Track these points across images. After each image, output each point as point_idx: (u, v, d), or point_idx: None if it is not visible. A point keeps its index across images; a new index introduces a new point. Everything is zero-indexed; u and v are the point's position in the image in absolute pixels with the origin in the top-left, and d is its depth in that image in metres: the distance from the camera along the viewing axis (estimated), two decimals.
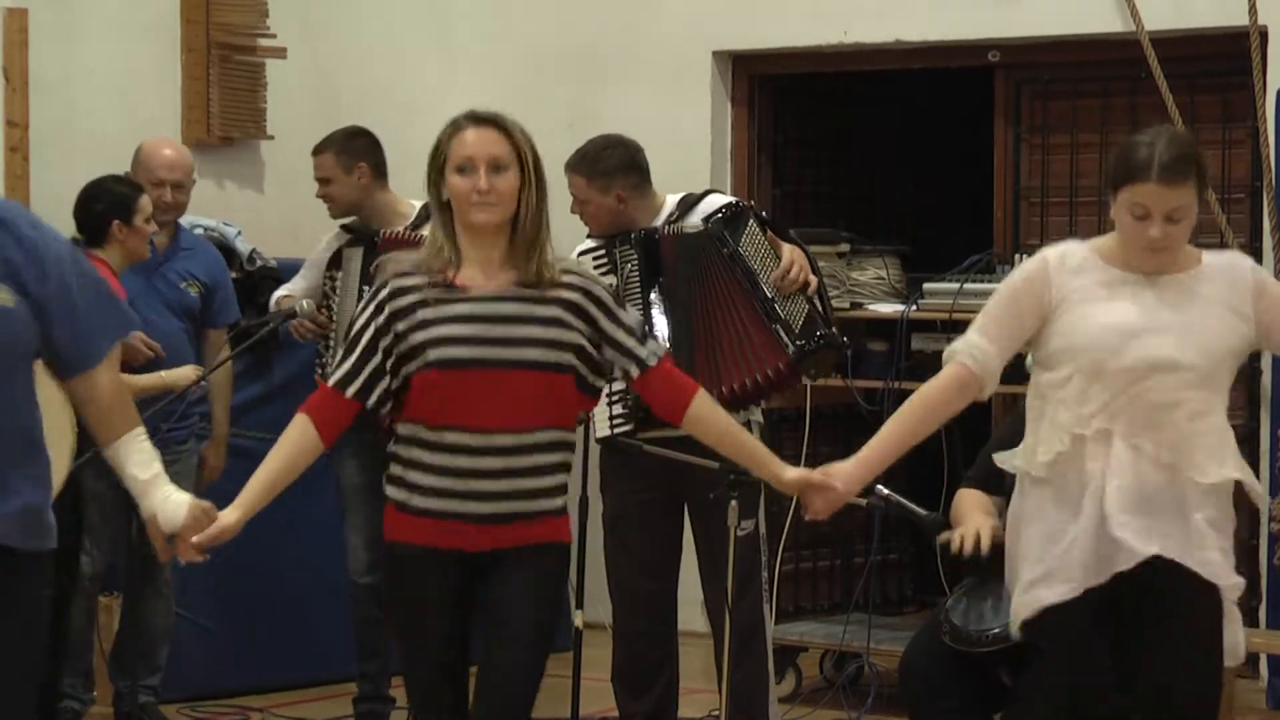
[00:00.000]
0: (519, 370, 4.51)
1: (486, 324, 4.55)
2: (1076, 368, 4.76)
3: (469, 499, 4.55)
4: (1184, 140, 4.98)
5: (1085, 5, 8.53)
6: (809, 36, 9.13)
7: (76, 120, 8.10)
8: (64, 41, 8.16)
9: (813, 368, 6.41)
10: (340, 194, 7.27)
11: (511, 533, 4.56)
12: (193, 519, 4.37)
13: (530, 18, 9.73)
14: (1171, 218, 4.65)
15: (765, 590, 6.46)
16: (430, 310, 4.55)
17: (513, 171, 4.54)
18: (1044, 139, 9.06)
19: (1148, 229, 4.66)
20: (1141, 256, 4.76)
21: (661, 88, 9.22)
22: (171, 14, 8.74)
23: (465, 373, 4.51)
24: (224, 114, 8.79)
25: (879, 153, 9.83)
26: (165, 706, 7.30)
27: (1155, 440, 4.69)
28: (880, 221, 9.08)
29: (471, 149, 4.54)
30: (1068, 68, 8.94)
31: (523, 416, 4.54)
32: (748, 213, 6.54)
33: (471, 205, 4.52)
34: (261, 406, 7.74)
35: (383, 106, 8.80)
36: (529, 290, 4.56)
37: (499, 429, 4.53)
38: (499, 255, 4.60)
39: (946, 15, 8.91)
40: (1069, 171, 9.04)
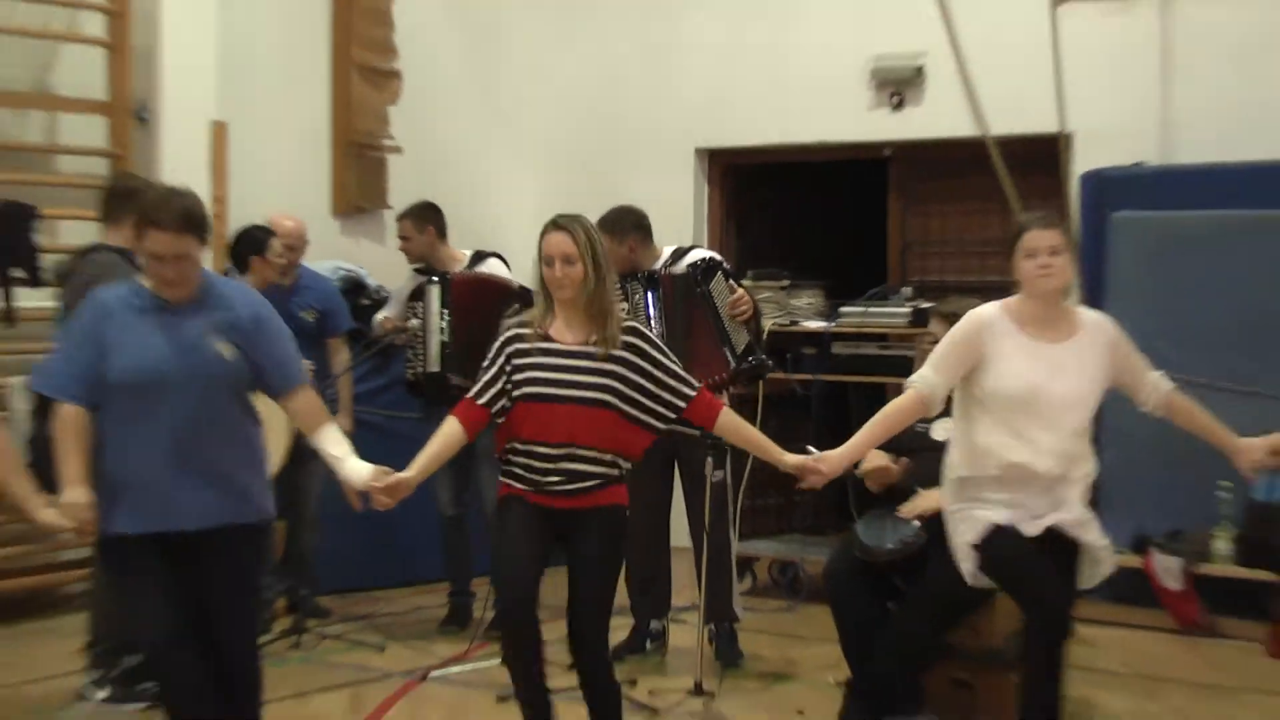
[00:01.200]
0: (571, 406, 4.67)
1: (561, 369, 4.71)
2: (1004, 402, 4.86)
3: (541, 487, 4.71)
4: (1048, 213, 5.23)
5: (949, 117, 8.44)
6: (759, 138, 9.32)
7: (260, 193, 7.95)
8: (251, 142, 8.18)
9: (744, 379, 6.48)
10: (413, 248, 7.32)
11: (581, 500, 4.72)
12: (377, 478, 4.61)
13: (570, 126, 9.76)
14: (1055, 250, 4.82)
15: (731, 519, 6.51)
16: (528, 358, 4.72)
17: (579, 264, 4.65)
18: (922, 207, 9.25)
19: (1037, 261, 4.81)
20: (1038, 287, 4.85)
21: (661, 173, 9.27)
22: (325, 124, 8.95)
23: (554, 407, 4.67)
24: (360, 192, 8.95)
25: (809, 216, 9.81)
26: (319, 597, 7.41)
27: (1050, 443, 4.84)
28: (810, 264, 8.90)
29: (550, 248, 4.69)
30: (937, 159, 9.05)
31: (598, 438, 4.69)
32: (718, 266, 6.53)
33: (555, 287, 4.69)
34: (383, 393, 7.84)
35: (463, 187, 8.85)
36: (596, 349, 4.69)
37: (579, 444, 4.68)
38: (578, 318, 4.72)
39: (856, 123, 9.05)
40: (939, 229, 9.20)
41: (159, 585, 4.39)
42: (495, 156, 9.62)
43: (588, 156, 9.52)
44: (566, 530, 4.74)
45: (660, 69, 9.58)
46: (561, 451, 4.69)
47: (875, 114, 9.00)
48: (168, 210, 4.34)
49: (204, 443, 4.42)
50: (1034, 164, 8.29)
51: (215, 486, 4.45)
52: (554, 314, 4.75)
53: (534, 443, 4.71)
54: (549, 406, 4.67)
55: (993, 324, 4.92)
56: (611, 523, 4.79)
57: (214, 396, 4.44)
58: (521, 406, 4.70)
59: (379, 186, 9.04)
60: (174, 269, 4.36)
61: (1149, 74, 8.29)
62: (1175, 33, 8.25)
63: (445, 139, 9.32)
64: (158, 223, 4.32)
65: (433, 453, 4.79)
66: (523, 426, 4.70)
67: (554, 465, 4.70)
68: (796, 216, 9.75)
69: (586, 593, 4.73)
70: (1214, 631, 7.25)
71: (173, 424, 4.38)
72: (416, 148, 9.16)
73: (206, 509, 4.43)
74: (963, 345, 4.92)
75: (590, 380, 4.67)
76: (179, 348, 4.39)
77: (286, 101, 8.70)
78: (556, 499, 4.72)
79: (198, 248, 4.40)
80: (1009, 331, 4.89)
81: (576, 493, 4.72)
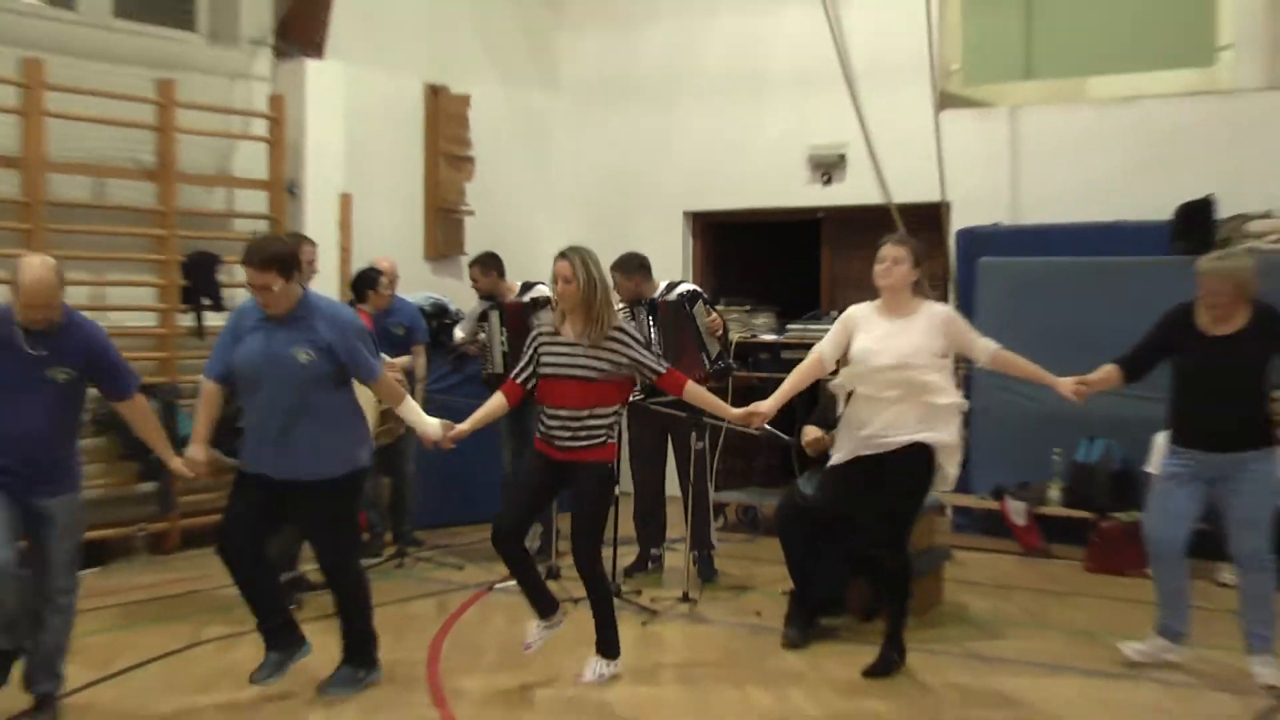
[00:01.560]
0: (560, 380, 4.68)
1: (559, 355, 4.70)
2: (859, 363, 4.87)
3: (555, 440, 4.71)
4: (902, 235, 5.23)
5: (863, 190, 8.47)
6: (730, 204, 9.25)
7: (374, 246, 7.87)
8: (368, 209, 8.21)
9: (716, 377, 6.39)
10: (480, 286, 7.28)
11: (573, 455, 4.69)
12: (444, 429, 4.76)
13: (595, 193, 9.59)
14: (896, 260, 4.85)
15: (709, 475, 6.37)
16: (548, 347, 4.74)
17: (574, 283, 4.65)
18: (845, 254, 9.12)
19: (881, 266, 4.87)
20: (879, 283, 4.86)
21: (659, 228, 9.24)
22: (420, 194, 8.89)
23: (556, 381, 4.69)
24: (444, 242, 8.91)
25: (765, 259, 9.64)
26: (415, 531, 7.28)
27: (900, 402, 4.78)
28: (765, 294, 8.80)
29: (556, 272, 4.71)
30: (855, 220, 8.84)
31: (577, 402, 4.67)
32: (699, 295, 6.53)
33: (559, 298, 4.74)
34: (462, 386, 7.61)
35: (517, 238, 8.73)
36: (591, 341, 4.67)
37: (567, 407, 4.67)
38: (579, 320, 4.70)
39: (797, 194, 8.96)
40: (857, 270, 8.40)
41: (247, 498, 4.51)
42: (540, 216, 9.56)
43: (607, 215, 9.40)
44: (566, 475, 4.72)
45: (659, 153, 9.49)
46: (565, 413, 4.67)
47: (811, 187, 8.98)
48: (255, 253, 4.41)
49: (288, 421, 4.42)
50: (923, 223, 8.21)
51: (297, 453, 4.45)
52: (563, 318, 4.75)
53: (547, 407, 4.72)
54: (556, 381, 4.68)
55: (860, 312, 4.97)
56: (599, 473, 4.74)
57: (292, 389, 4.42)
58: (543, 382, 4.72)
59: (457, 239, 9.02)
60: (261, 296, 4.41)
61: (1004, 161, 8.30)
62: (1022, 132, 8.29)
63: (504, 204, 9.29)
64: (248, 262, 4.41)
65: (481, 414, 4.89)
66: (543, 396, 4.73)
67: (560, 424, 4.68)
68: (756, 260, 9.66)
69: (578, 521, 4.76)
70: (1049, 554, 7.29)
71: (262, 405, 4.46)
72: (484, 211, 9.13)
73: (290, 467, 4.46)
74: (842, 326, 4.99)
75: (583, 361, 4.66)
76: (267, 352, 4.43)
77: (393, 179, 8.67)
78: (559, 452, 4.70)
79: (278, 280, 4.38)
80: (870, 315, 4.92)
81: (575, 448, 4.69)
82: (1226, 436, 4.72)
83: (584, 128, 9.82)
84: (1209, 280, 4.73)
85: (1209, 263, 4.80)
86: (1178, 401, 4.89)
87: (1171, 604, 4.96)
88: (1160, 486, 4.94)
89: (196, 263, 7.28)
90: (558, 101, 9.87)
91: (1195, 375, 4.80)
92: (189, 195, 7.49)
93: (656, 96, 9.48)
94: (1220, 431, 4.72)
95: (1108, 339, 6.90)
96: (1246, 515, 4.72)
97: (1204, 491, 4.82)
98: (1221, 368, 4.72)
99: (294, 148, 7.87)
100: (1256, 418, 4.76)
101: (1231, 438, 4.71)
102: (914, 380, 4.77)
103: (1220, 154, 7.53)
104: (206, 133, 7.57)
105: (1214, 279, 4.72)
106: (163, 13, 7.52)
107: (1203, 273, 4.77)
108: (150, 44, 7.36)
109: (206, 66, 7.62)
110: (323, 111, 8.01)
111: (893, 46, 8.41)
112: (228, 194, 7.83)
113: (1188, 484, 4.81)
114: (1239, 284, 4.70)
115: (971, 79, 8.67)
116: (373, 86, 8.45)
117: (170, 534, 7.25)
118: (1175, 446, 4.87)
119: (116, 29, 7.26)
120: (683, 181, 9.42)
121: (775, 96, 9.03)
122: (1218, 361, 4.73)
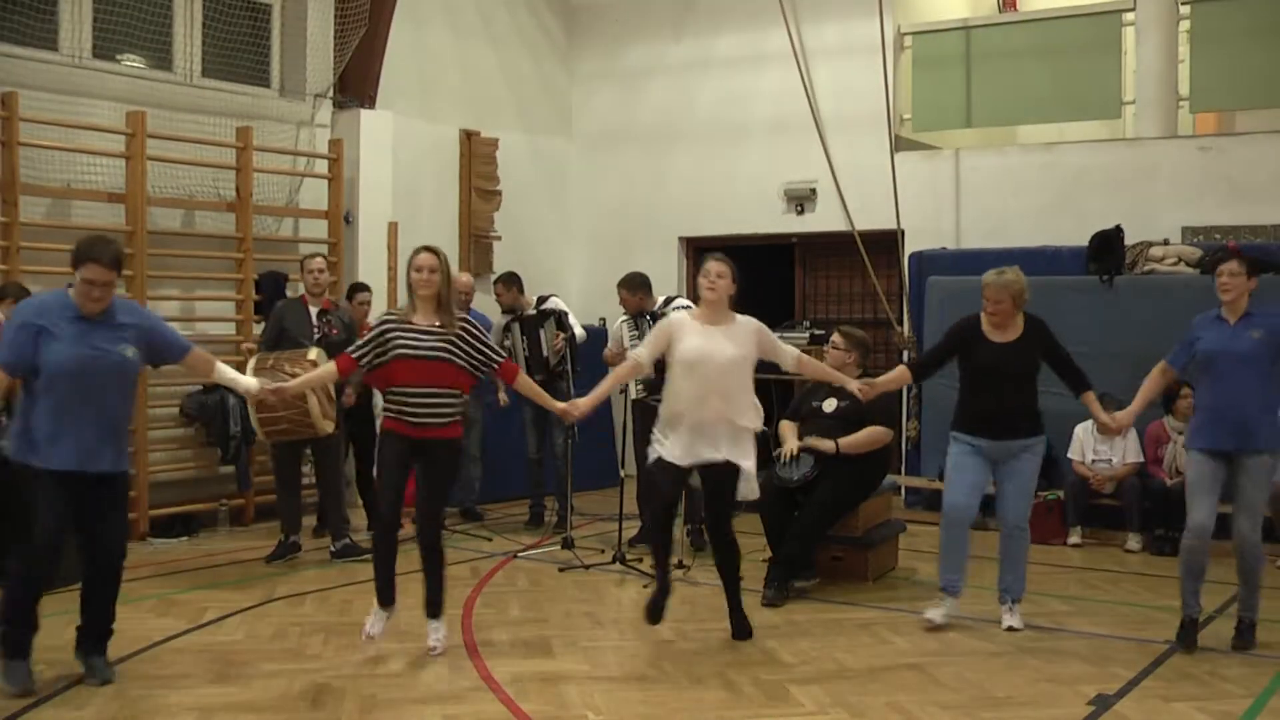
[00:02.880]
0: (427, 361, 4.30)
1: (419, 340, 4.32)
2: (681, 365, 4.53)
3: (410, 418, 4.34)
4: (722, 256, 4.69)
5: (831, 219, 8.59)
6: (717, 230, 9.15)
7: None
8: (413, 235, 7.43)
9: None
10: (503, 300, 7.15)
11: (431, 431, 4.34)
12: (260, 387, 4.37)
13: (603, 222, 9.57)
14: (720, 275, 4.56)
15: None
16: (401, 333, 4.33)
17: (438, 274, 4.32)
18: (815, 274, 9.18)
19: (707, 281, 4.54)
20: (701, 296, 4.59)
21: (657, 252, 9.14)
22: (455, 222, 8.82)
23: (419, 361, 4.31)
24: (476, 263, 8.82)
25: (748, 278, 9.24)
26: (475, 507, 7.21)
27: (719, 398, 4.46)
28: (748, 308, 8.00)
29: (420, 262, 4.34)
30: (824, 245, 8.93)
31: (443, 381, 4.33)
32: None
33: (419, 287, 4.34)
34: None
35: (538, 259, 8.84)
36: (440, 328, 4.34)
37: (431, 385, 4.32)
38: (431, 310, 4.36)
39: (774, 222, 8.95)
40: (825, 286, 9.16)
41: (59, 505, 3.88)
42: (557, 241, 9.56)
43: (613, 240, 9.38)
44: (419, 450, 4.36)
45: (657, 189, 9.43)
46: (428, 390, 4.33)
47: (786, 216, 8.96)
48: (104, 252, 3.86)
49: (110, 415, 3.91)
50: (881, 248, 8.26)
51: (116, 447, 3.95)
52: (415, 308, 4.38)
53: (405, 387, 4.33)
54: (419, 361, 4.32)
55: (679, 320, 4.65)
56: (454, 448, 4.44)
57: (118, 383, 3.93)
58: (396, 361, 4.32)
59: (487, 260, 8.98)
60: (101, 293, 3.85)
61: (948, 195, 8.33)
62: (964, 171, 8.33)
63: (527, 231, 9.25)
64: (98, 260, 3.83)
65: (312, 377, 4.70)
66: (401, 377, 4.34)
67: (420, 402, 4.33)
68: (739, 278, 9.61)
69: (431, 492, 4.42)
70: (986, 527, 6.95)
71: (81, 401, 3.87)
72: (510, 236, 9.08)
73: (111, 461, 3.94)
74: (663, 332, 4.63)
75: (443, 345, 4.34)
76: (93, 349, 3.87)
77: (434, 209, 8.63)
78: (417, 429, 4.34)
79: (117, 278, 3.94)
80: (690, 323, 4.61)
81: (434, 424, 4.34)
82: (1007, 426, 4.75)
83: (594, 167, 9.81)
84: (991, 291, 4.72)
85: (991, 276, 4.76)
86: (966, 396, 4.89)
87: (956, 563, 4.95)
88: (955, 464, 4.89)
89: (268, 280, 7.35)
90: (572, 145, 9.90)
91: (980, 374, 4.79)
92: (262, 224, 7.57)
93: (655, 141, 9.49)
94: (1002, 422, 4.75)
95: None
96: (1018, 487, 4.80)
97: (989, 468, 4.85)
98: (1002, 368, 4.73)
99: (350, 183, 7.92)
100: (1030, 410, 4.81)
101: (1011, 427, 4.75)
102: (730, 387, 4.48)
103: (1126, 191, 7.69)
104: (278, 171, 7.70)
105: (995, 289, 4.71)
106: (242, 72, 7.65)
107: (987, 284, 4.75)
108: (232, 98, 7.49)
109: (278, 116, 7.75)
110: (375, 153, 8.03)
111: (855, 99, 8.49)
112: (294, 223, 7.90)
113: (977, 463, 4.82)
114: (1015, 294, 4.70)
115: (921, 126, 8.79)
116: (417, 132, 8.48)
117: (247, 508, 7.31)
118: (963, 434, 4.84)
119: (205, 86, 7.40)
120: (677, 212, 9.40)
121: (755, 140, 9.04)
122: (999, 363, 4.74)
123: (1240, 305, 4.54)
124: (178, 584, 5.67)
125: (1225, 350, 4.50)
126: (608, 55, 9.68)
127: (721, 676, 4.26)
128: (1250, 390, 4.44)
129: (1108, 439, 6.84)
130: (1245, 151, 7.49)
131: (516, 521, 7.31)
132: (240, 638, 4.75)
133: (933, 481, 7.53)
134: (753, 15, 8.87)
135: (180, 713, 3.79)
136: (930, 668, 4.39)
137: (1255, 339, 4.47)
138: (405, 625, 4.96)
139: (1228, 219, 7.41)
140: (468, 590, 5.59)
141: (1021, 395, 4.78)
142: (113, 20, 6.87)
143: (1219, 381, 4.51)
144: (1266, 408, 4.47)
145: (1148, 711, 3.90)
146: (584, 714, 3.84)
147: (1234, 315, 4.56)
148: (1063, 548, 6.81)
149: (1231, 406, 4.46)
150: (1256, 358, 4.45)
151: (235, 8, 7.46)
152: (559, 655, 4.56)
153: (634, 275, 6.55)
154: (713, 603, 5.38)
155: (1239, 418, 4.45)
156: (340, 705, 3.88)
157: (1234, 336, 4.52)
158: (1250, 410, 4.45)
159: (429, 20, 8.63)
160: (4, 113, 6.25)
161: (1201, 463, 4.53)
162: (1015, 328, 4.79)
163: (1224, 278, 4.54)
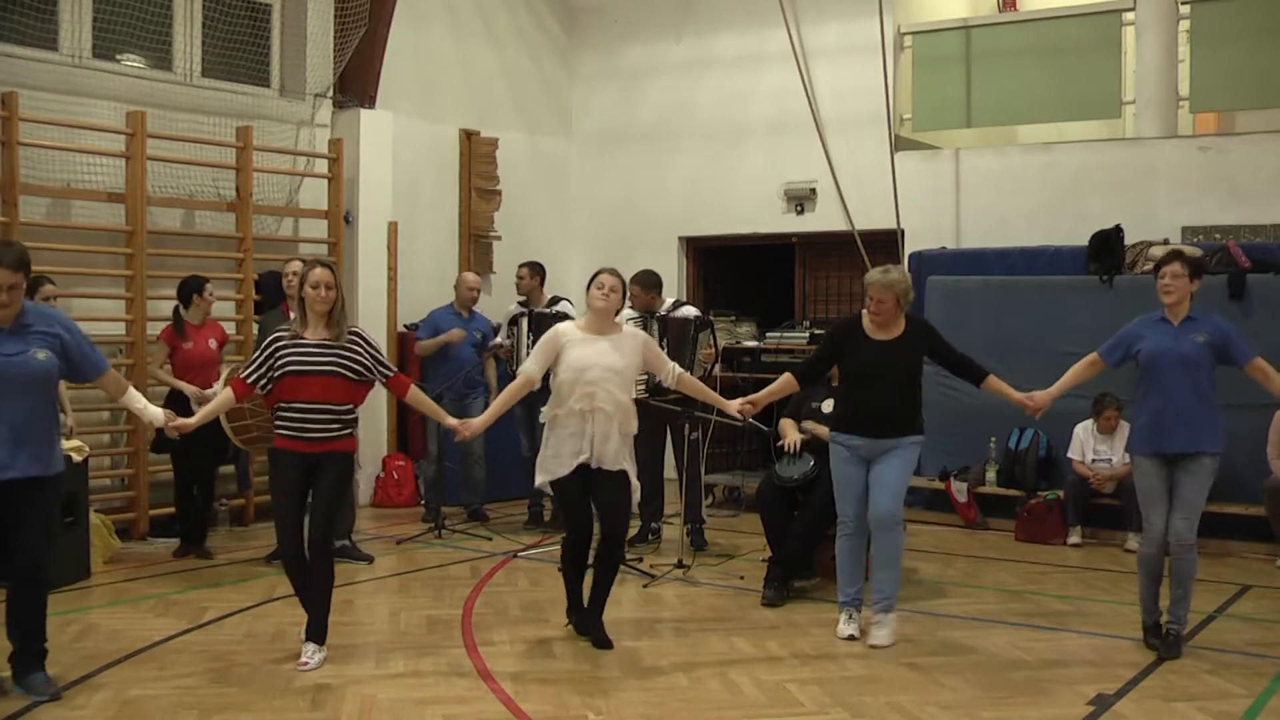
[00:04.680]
0: (319, 376, 4.20)
1: (310, 355, 4.22)
2: (568, 375, 4.46)
3: (303, 434, 4.23)
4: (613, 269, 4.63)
5: (831, 219, 8.54)
6: (717, 230, 9.17)
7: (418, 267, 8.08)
8: (412, 235, 8.21)
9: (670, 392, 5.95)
10: (524, 286, 7.04)
11: (327, 445, 4.25)
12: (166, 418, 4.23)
13: (603, 222, 9.52)
14: (613, 289, 4.50)
15: (700, 460, 6.32)
16: (291, 349, 4.24)
17: (335, 291, 4.22)
18: (815, 273, 9.15)
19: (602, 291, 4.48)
20: (594, 306, 4.50)
21: (657, 251, 8.98)
22: (455, 222, 8.82)
23: (314, 377, 4.21)
24: (476, 263, 8.79)
25: (748, 277, 9.56)
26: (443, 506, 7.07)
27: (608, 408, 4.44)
28: (748, 307, 8.86)
29: (315, 278, 4.24)
30: (824, 244, 8.91)
31: (339, 396, 4.24)
32: (708, 325, 6.39)
33: (315, 302, 4.23)
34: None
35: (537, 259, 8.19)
36: (330, 341, 4.25)
37: (327, 401, 4.22)
38: (322, 325, 4.27)
39: (775, 222, 8.89)
40: (824, 286, 9.13)
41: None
42: (557, 241, 9.48)
43: (613, 240, 9.33)
44: (314, 465, 4.26)
45: (657, 188, 9.40)
46: (323, 406, 4.23)
47: (787, 216, 8.93)
48: (7, 254, 3.72)
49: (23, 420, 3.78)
50: (881, 248, 8.20)
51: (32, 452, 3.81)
52: (306, 323, 4.28)
53: (297, 403, 4.23)
54: (314, 377, 4.21)
55: (565, 330, 4.60)
56: (348, 461, 4.37)
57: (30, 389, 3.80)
58: (286, 378, 4.21)
59: (487, 260, 8.99)
60: (7, 296, 3.70)
61: (948, 195, 8.30)
62: (963, 171, 8.29)
63: (527, 231, 9.20)
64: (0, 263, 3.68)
65: (211, 408, 4.40)
66: (294, 392, 4.23)
67: (314, 417, 4.23)
68: (740, 278, 9.60)
69: (323, 505, 4.28)
70: (985, 526, 7.31)
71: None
72: (510, 236, 9.08)
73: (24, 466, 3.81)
74: (550, 344, 4.55)
75: (338, 360, 4.25)
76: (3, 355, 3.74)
77: (434, 209, 8.64)
78: (311, 444, 4.24)
79: (24, 282, 3.78)
80: (575, 334, 4.56)
81: (329, 439, 4.26)
82: (886, 423, 4.64)
83: (594, 167, 9.78)
84: (875, 290, 4.63)
85: (875, 275, 4.68)
86: (847, 394, 4.81)
87: (854, 575, 4.80)
88: (837, 476, 4.76)
89: (268, 280, 7.30)
90: (571, 145, 9.86)
91: (862, 373, 4.71)
92: (262, 223, 7.56)
93: (655, 141, 9.47)
94: (881, 419, 4.64)
95: (1033, 343, 7.04)
96: (889, 482, 4.61)
97: (866, 469, 4.69)
98: (884, 367, 4.65)
99: (350, 183, 7.90)
100: (909, 410, 4.71)
101: (888, 425, 4.64)
102: (615, 396, 4.46)
103: (1126, 191, 7.66)
104: (278, 171, 7.69)
105: (879, 289, 4.62)
106: (242, 72, 7.62)
107: (870, 284, 4.66)
108: (231, 98, 7.47)
109: (278, 116, 7.72)
110: (374, 153, 8.01)
111: (855, 99, 8.47)
112: (294, 223, 7.88)
113: (858, 471, 4.70)
114: (899, 293, 4.63)
115: (921, 127, 8.74)
116: (417, 131, 8.46)
117: (247, 508, 7.30)
118: (840, 434, 4.73)
119: (204, 86, 7.38)
120: (677, 212, 9.39)
121: (755, 140, 9.02)
122: (879, 360, 4.65)
123: (1183, 308, 4.52)
124: (178, 584, 5.67)
125: (1168, 352, 4.47)
126: (608, 55, 9.66)
127: (721, 676, 4.26)
128: (1193, 392, 4.43)
129: (1108, 439, 6.83)
130: (1245, 151, 7.47)
131: (516, 521, 7.31)
132: (240, 638, 4.74)
133: (932, 481, 7.55)
134: (753, 15, 8.86)
135: (180, 713, 3.79)
136: (930, 668, 4.38)
137: (1199, 342, 4.47)
138: (404, 625, 4.95)
139: (1227, 219, 7.40)
140: (468, 590, 5.58)
141: (902, 394, 4.67)
142: (113, 20, 6.87)
143: (1162, 384, 4.48)
144: (1208, 410, 4.47)
145: (1148, 711, 3.90)
146: (584, 714, 3.84)
147: (1176, 318, 4.54)
148: (1063, 548, 6.82)
149: (1175, 409, 4.44)
150: (1199, 361, 4.45)
151: (235, 8, 7.46)
152: (559, 655, 4.55)
153: (649, 273, 6.50)
154: (713, 602, 5.41)
155: (1182, 420, 4.44)
156: (340, 705, 3.88)
157: (1177, 339, 4.51)
158: (1193, 413, 4.44)
159: (429, 20, 8.63)
160: (4, 113, 6.25)
161: (1150, 472, 4.52)
162: (898, 326, 4.71)
163: (1166, 279, 4.51)
